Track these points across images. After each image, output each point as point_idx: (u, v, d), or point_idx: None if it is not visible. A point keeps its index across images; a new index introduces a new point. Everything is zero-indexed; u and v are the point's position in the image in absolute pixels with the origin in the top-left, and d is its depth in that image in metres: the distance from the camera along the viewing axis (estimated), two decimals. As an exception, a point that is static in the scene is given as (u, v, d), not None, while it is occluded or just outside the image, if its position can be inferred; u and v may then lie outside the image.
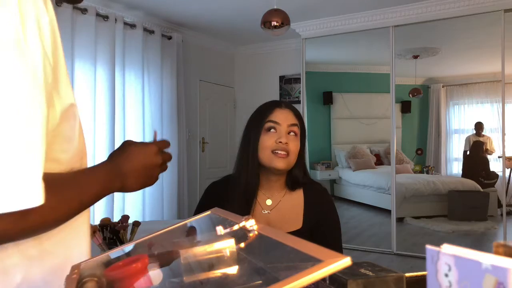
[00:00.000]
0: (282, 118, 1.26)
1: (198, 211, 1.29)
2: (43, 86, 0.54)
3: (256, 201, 1.31)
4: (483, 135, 4.81)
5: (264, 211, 1.31)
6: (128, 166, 0.72)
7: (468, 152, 4.94)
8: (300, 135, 1.30)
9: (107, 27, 3.87)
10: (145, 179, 0.75)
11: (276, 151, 1.24)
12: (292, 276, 0.40)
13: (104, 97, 3.84)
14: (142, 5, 4.13)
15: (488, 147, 4.76)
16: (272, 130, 1.26)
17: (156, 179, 0.79)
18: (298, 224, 1.30)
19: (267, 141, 1.25)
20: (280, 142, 1.24)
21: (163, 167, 0.79)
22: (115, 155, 0.73)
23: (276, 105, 1.30)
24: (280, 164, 1.24)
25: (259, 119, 1.29)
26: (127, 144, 0.75)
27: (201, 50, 5.28)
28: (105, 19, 3.86)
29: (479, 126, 4.81)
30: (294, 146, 1.26)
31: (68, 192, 0.62)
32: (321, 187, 1.38)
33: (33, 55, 0.53)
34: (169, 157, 0.80)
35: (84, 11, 3.67)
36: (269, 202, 1.32)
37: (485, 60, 4.75)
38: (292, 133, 1.27)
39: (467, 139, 4.97)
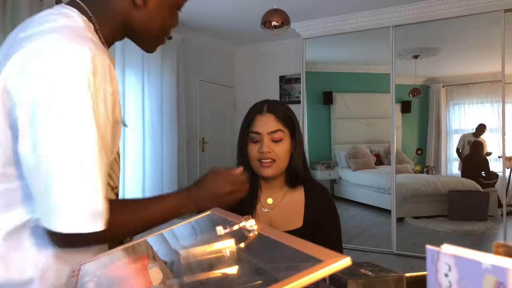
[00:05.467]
0: (262, 126, 1.26)
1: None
2: (103, 143, 0.74)
3: (257, 200, 1.32)
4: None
5: (265, 210, 1.32)
6: (199, 194, 0.92)
7: (460, 150, 4.95)
8: (292, 133, 1.30)
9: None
10: (215, 204, 0.89)
11: (261, 160, 1.26)
12: (292, 276, 0.40)
13: (104, 97, 3.83)
14: (142, 5, 4.12)
15: (485, 149, 4.76)
16: (255, 140, 1.27)
17: (229, 202, 0.94)
18: (298, 223, 1.31)
19: (252, 151, 1.28)
20: (262, 152, 1.25)
21: (234, 195, 0.95)
22: (194, 184, 0.94)
23: (258, 111, 1.29)
24: (266, 172, 1.26)
25: (243, 128, 1.31)
26: (209, 173, 0.96)
27: (201, 50, 5.28)
28: (105, 19, 3.85)
29: (480, 129, 4.78)
30: (280, 151, 1.26)
31: (132, 215, 0.83)
32: (321, 187, 1.39)
33: (100, 118, 0.73)
34: (240, 190, 0.96)
35: (84, 11, 3.66)
36: (270, 201, 1.33)
37: (485, 60, 4.74)
38: (275, 140, 1.27)
39: (462, 137, 4.97)
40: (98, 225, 0.72)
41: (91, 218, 0.71)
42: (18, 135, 0.71)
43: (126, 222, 0.83)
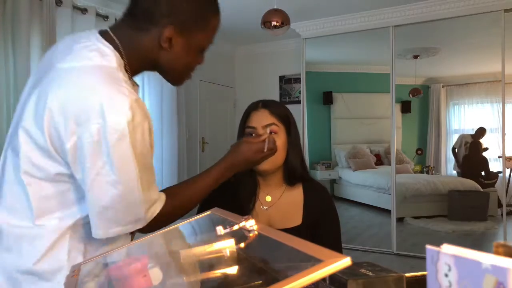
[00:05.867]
0: (257, 120, 1.28)
1: (201, 209, 1.29)
2: (144, 169, 0.86)
3: (256, 198, 1.32)
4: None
5: (264, 207, 1.32)
6: (236, 159, 1.10)
7: (456, 150, 4.95)
8: (287, 129, 1.30)
9: (107, 27, 3.86)
10: (249, 167, 1.16)
11: None
12: (292, 276, 0.40)
13: (104, 97, 3.83)
14: (142, 5, 4.12)
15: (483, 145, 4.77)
16: (251, 135, 1.28)
17: (259, 163, 1.18)
18: (297, 221, 1.31)
19: None
20: None
21: (263, 159, 1.16)
22: (229, 152, 1.12)
23: (253, 108, 1.32)
24: (263, 166, 1.25)
25: (240, 125, 1.33)
26: (240, 142, 1.13)
27: (201, 50, 5.28)
28: (105, 19, 3.85)
29: (480, 132, 4.77)
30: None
31: (183, 196, 1.02)
32: (320, 186, 1.39)
33: (137, 150, 0.83)
34: (268, 155, 1.15)
35: (84, 11, 3.66)
36: (268, 198, 1.33)
37: (485, 60, 4.75)
38: (269, 133, 1.27)
39: (460, 137, 4.97)
40: (138, 225, 0.88)
41: (134, 224, 0.87)
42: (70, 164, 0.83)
43: (180, 203, 1.00)
